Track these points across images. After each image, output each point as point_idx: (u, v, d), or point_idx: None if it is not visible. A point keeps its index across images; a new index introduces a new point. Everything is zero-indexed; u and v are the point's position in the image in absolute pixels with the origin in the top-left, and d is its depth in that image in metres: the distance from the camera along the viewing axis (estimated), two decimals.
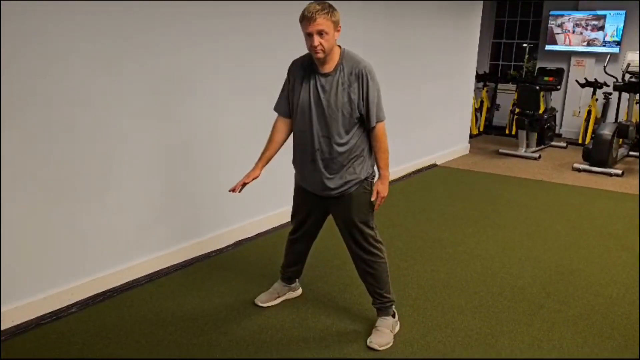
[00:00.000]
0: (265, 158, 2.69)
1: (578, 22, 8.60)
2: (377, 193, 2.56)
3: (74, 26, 2.71)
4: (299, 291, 3.12)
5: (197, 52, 3.39)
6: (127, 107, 3.05)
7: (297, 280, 3.09)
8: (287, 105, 2.63)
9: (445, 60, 6.56)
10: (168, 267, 3.42)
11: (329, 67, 2.45)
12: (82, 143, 2.86)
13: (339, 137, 2.48)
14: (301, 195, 2.74)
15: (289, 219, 2.91)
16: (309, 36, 2.36)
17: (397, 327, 2.76)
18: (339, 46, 2.48)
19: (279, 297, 3.03)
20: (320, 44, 2.34)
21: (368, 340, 2.63)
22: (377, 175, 2.63)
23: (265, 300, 3.00)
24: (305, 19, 2.34)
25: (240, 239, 3.93)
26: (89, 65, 2.81)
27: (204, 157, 3.59)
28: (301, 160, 2.63)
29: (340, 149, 2.49)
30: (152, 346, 2.59)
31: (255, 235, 4.05)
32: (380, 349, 2.60)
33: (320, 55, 2.38)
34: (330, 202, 2.63)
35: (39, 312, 2.79)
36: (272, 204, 4.13)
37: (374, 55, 5.17)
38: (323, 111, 2.46)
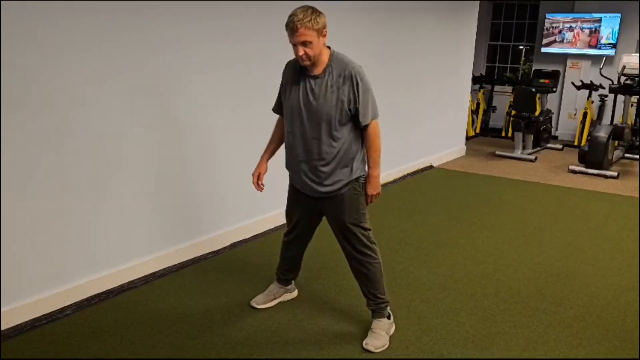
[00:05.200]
0: (269, 151, 2.82)
1: (574, 25, 8.63)
2: (369, 192, 2.60)
3: (69, 29, 2.71)
4: (295, 293, 3.12)
5: (193, 53, 3.39)
6: (123, 109, 3.04)
7: (292, 282, 3.09)
8: (281, 106, 2.68)
9: (441, 62, 6.57)
10: (163, 269, 3.41)
11: (318, 70, 2.47)
12: (76, 146, 2.85)
13: (331, 139, 2.49)
14: (294, 196, 2.76)
15: (285, 219, 2.91)
16: (293, 46, 2.40)
17: (393, 329, 2.76)
18: (329, 47, 2.49)
19: (275, 298, 3.02)
20: (305, 52, 2.38)
21: (364, 342, 2.63)
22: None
23: (261, 302, 3.00)
24: (288, 29, 2.37)
25: (236, 240, 3.92)
26: (87, 67, 2.81)
27: (199, 158, 3.58)
28: (292, 162, 2.65)
29: (331, 151, 2.51)
30: (147, 348, 2.58)
31: (251, 237, 4.05)
32: (376, 351, 2.60)
33: (307, 63, 2.43)
34: (322, 202, 2.64)
35: (34, 314, 2.78)
36: (267, 206, 4.13)
37: (370, 56, 5.18)
38: (313, 113, 2.48)
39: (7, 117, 2.52)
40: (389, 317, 2.76)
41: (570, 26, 8.69)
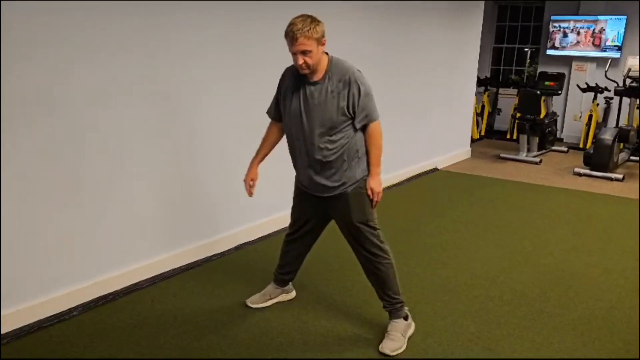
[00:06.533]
0: (260, 157, 2.83)
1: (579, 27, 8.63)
2: (372, 190, 2.60)
3: (80, 35, 2.74)
4: (293, 294, 3.12)
5: (198, 60, 3.41)
6: (131, 111, 3.07)
7: (290, 283, 3.09)
8: (276, 111, 2.72)
9: (446, 65, 6.58)
10: (169, 271, 3.43)
11: (317, 76, 2.50)
12: (85, 148, 2.88)
13: (333, 143, 2.52)
14: (301, 196, 2.78)
15: (290, 221, 2.92)
16: (293, 54, 2.42)
17: (411, 330, 2.75)
18: (326, 54, 2.52)
19: (270, 299, 3.03)
20: (305, 61, 2.41)
21: (380, 345, 2.62)
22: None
23: (256, 301, 3.01)
24: (288, 38, 2.40)
25: (241, 242, 3.94)
26: (97, 71, 2.84)
27: (205, 160, 3.61)
28: (297, 165, 2.69)
29: (333, 153, 2.53)
30: (153, 349, 2.60)
31: (257, 238, 4.06)
32: (392, 354, 2.58)
33: (306, 71, 2.46)
34: (328, 203, 2.65)
35: (40, 315, 2.81)
36: (273, 208, 4.14)
37: (373, 57, 5.20)
38: (314, 118, 2.50)
39: (11, 116, 2.55)
40: (406, 318, 2.74)
41: (576, 28, 8.67)
